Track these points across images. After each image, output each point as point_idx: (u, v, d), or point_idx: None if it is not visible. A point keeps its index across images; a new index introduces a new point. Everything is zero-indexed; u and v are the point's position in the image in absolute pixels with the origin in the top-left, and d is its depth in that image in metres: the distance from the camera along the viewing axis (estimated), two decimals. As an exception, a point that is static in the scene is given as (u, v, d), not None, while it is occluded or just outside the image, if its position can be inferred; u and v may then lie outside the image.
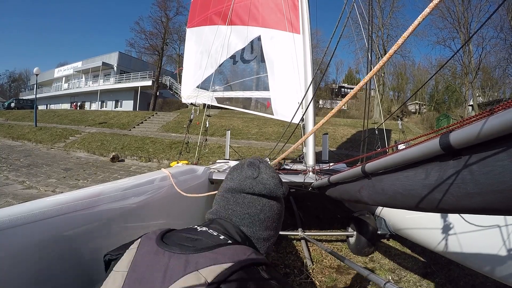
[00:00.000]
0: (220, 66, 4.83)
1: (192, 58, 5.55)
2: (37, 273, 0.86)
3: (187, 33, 5.82)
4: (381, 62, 0.99)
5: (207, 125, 5.51)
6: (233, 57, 4.75)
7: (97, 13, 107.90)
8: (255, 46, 4.49)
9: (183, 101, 5.68)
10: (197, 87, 5.15)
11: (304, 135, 3.78)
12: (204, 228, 0.74)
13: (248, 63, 4.60)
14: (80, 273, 1.02)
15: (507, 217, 1.82)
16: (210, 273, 0.54)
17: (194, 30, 5.64)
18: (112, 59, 32.05)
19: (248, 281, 0.56)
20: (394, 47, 0.91)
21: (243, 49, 4.62)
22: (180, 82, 31.05)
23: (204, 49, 5.13)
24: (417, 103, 31.66)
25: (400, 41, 0.89)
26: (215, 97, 4.99)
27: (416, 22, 0.83)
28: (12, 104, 29.93)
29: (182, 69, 6.01)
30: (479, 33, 21.65)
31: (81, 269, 1.03)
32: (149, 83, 27.97)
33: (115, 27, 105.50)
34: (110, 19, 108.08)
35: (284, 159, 4.78)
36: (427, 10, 0.81)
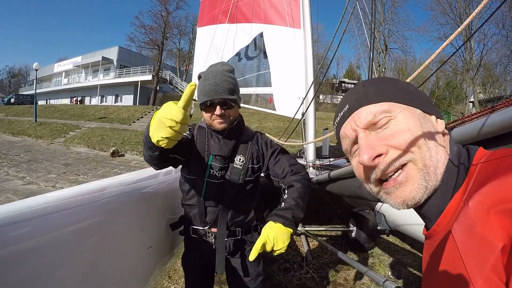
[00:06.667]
0: None
1: (202, 56, 5.61)
2: (40, 270, 0.86)
3: (197, 32, 5.97)
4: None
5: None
6: (238, 54, 4.78)
7: (96, 7, 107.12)
8: (258, 42, 4.50)
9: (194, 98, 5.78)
10: None
11: (304, 130, 3.77)
12: None
13: (252, 60, 4.63)
14: (84, 268, 1.03)
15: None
16: None
17: (203, 29, 5.74)
18: (112, 53, 31.88)
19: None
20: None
21: (247, 46, 4.66)
22: (180, 77, 31.02)
23: (212, 47, 5.19)
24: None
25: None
26: None
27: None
28: (12, 100, 29.80)
29: (191, 67, 6.18)
30: (481, 29, 21.53)
31: (84, 265, 1.03)
32: (149, 77, 27.85)
33: (115, 22, 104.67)
34: (110, 13, 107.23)
35: None
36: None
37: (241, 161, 1.34)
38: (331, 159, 3.65)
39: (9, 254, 0.77)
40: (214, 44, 5.07)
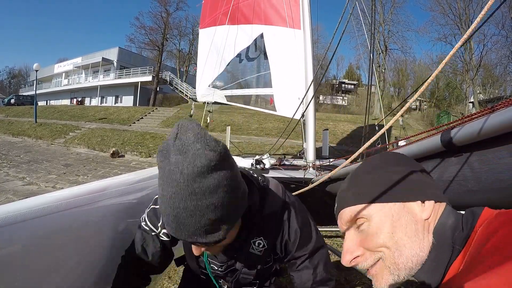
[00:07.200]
0: (228, 65, 4.90)
1: (204, 58, 5.63)
2: (40, 270, 0.86)
3: (200, 34, 6.00)
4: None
5: (208, 121, 5.53)
6: (239, 55, 4.80)
7: (96, 7, 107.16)
8: (258, 43, 4.52)
9: (198, 99, 5.81)
10: (209, 86, 5.26)
11: (304, 131, 3.77)
12: None
13: (252, 61, 4.65)
14: (84, 268, 1.03)
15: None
16: None
17: (205, 30, 5.76)
18: (112, 54, 31.92)
19: None
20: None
21: (248, 47, 4.67)
22: (180, 78, 31.05)
23: (214, 49, 5.22)
24: (417, 100, 31.60)
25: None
26: (224, 95, 5.10)
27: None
28: (12, 100, 29.77)
29: (195, 69, 6.23)
30: (480, 30, 21.55)
31: (84, 264, 1.04)
32: (149, 78, 27.91)
33: (115, 22, 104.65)
34: (110, 14, 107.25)
35: (284, 154, 4.81)
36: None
37: (261, 246, 0.97)
38: (331, 160, 3.65)
39: (9, 254, 0.77)
40: (215, 46, 5.10)
